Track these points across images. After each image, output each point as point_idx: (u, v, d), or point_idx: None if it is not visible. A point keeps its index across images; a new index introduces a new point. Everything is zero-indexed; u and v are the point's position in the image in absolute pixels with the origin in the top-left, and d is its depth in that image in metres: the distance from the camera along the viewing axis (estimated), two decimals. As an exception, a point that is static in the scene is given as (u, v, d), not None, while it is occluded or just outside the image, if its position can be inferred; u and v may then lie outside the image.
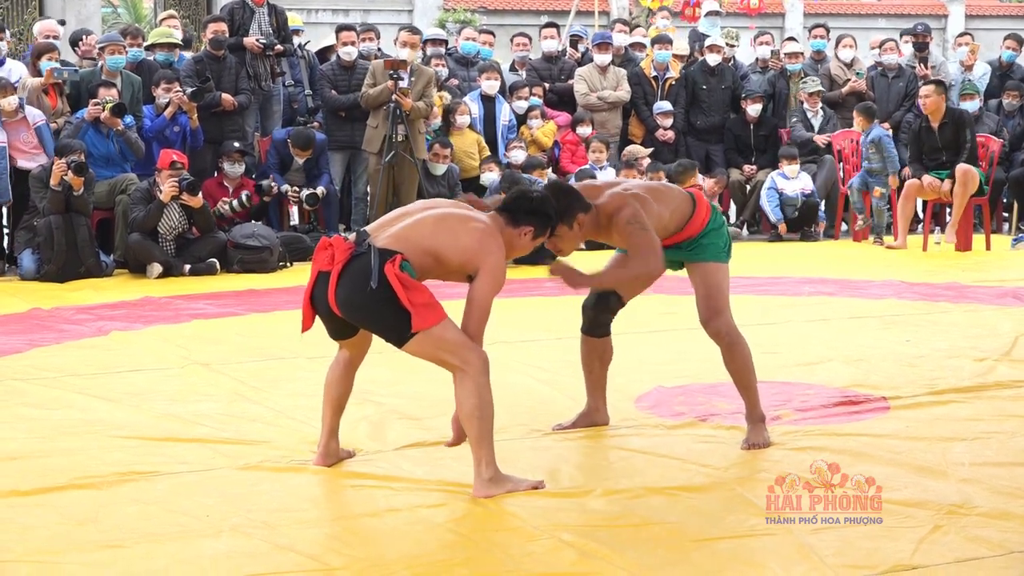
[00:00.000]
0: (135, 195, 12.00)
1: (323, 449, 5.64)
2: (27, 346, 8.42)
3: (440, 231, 5.23)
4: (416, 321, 5.06)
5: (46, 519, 4.98)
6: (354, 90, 14.04)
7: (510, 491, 5.21)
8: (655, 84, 15.76)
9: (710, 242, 5.97)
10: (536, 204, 5.45)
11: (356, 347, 5.54)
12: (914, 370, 7.60)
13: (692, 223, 5.92)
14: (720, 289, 6.00)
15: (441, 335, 5.14)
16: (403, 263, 5.07)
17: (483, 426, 5.20)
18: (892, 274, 11.70)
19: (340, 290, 5.13)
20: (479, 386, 5.17)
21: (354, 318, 5.20)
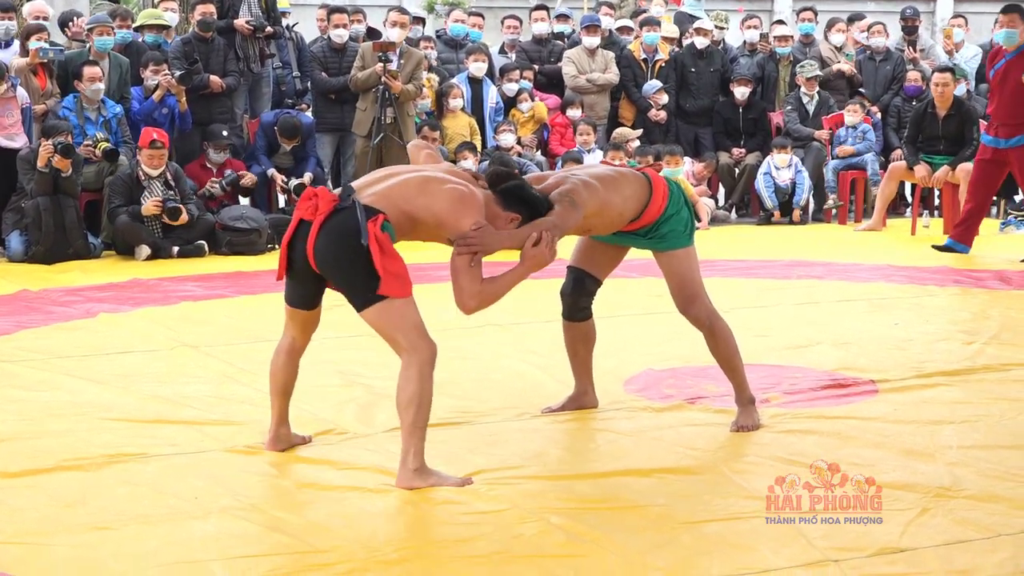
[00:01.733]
0: (116, 183, 11.95)
1: (273, 435, 5.62)
2: (15, 328, 8.40)
3: (421, 194, 5.21)
4: (384, 285, 5.02)
5: (35, 501, 4.99)
6: (344, 72, 14.00)
7: (434, 485, 5.11)
8: (644, 66, 15.75)
9: (670, 229, 5.88)
10: (530, 196, 5.43)
11: (302, 330, 5.49)
12: (902, 353, 7.61)
13: (649, 209, 5.82)
14: (690, 276, 5.96)
15: (402, 312, 5.11)
16: (384, 223, 5.05)
17: (419, 416, 5.12)
18: (881, 258, 11.72)
19: (319, 241, 5.09)
20: (423, 376, 5.11)
21: (327, 272, 5.14)
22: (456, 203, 5.19)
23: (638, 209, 5.81)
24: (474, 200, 5.25)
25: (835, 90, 16.04)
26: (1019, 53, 11.58)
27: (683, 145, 15.31)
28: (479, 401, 6.48)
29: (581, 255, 6.18)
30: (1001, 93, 11.61)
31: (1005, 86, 11.57)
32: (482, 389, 6.76)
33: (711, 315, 6.00)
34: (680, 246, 5.92)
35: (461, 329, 8.29)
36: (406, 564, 4.35)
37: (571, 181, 5.65)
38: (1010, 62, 11.58)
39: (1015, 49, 11.61)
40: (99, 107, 12.54)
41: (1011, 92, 11.51)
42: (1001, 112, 11.61)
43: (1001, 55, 11.75)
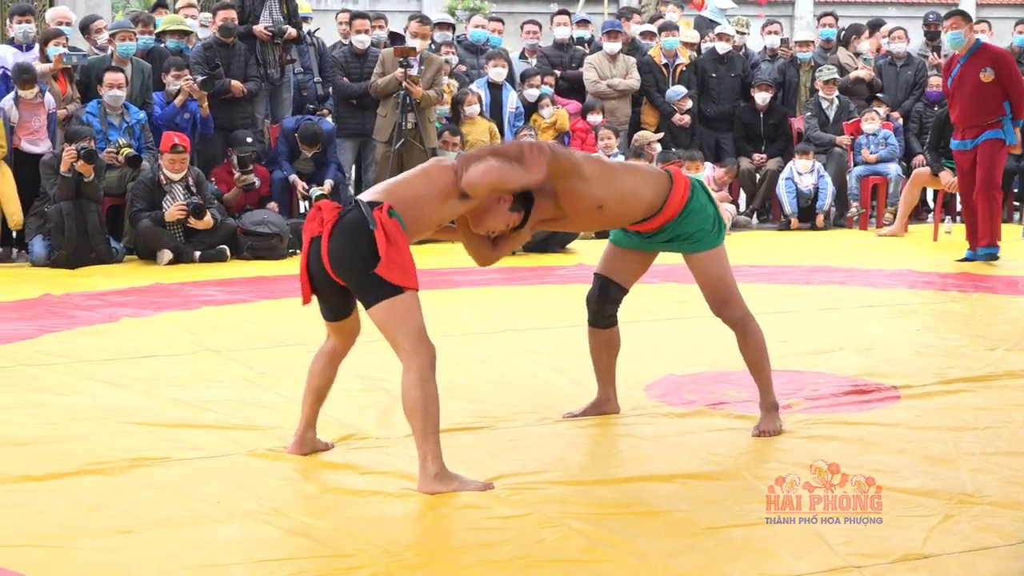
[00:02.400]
0: (137, 188, 12.00)
1: (299, 438, 5.61)
2: (38, 332, 8.43)
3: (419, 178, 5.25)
4: (382, 267, 4.99)
5: (58, 505, 4.99)
6: (366, 78, 14.02)
7: (456, 490, 5.09)
8: (666, 71, 15.74)
9: (697, 228, 5.81)
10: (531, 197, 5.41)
11: (343, 336, 5.50)
12: (924, 359, 7.59)
13: (670, 202, 5.74)
14: (722, 278, 5.92)
15: (408, 312, 5.09)
16: (390, 210, 5.05)
17: (428, 420, 5.09)
18: (903, 263, 11.69)
19: (331, 246, 5.10)
20: (424, 379, 5.08)
21: (340, 272, 5.13)
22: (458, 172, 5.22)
23: (656, 201, 5.74)
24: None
25: (855, 95, 16.02)
26: (971, 55, 11.71)
27: (704, 151, 15.31)
28: (499, 406, 6.48)
29: (607, 262, 6.16)
30: (961, 96, 11.70)
31: (963, 88, 11.66)
32: (502, 394, 6.76)
33: (745, 316, 5.98)
34: (710, 246, 5.87)
35: (480, 333, 8.33)
36: (427, 569, 4.35)
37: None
38: (964, 65, 11.70)
39: (967, 51, 11.72)
40: (122, 113, 12.58)
41: (971, 93, 11.64)
42: (966, 115, 11.72)
43: (955, 62, 11.82)
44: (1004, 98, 11.57)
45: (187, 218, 11.81)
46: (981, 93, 11.56)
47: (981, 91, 11.55)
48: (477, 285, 10.69)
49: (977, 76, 11.53)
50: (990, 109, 11.57)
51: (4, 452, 5.67)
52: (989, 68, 11.53)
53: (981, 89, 11.54)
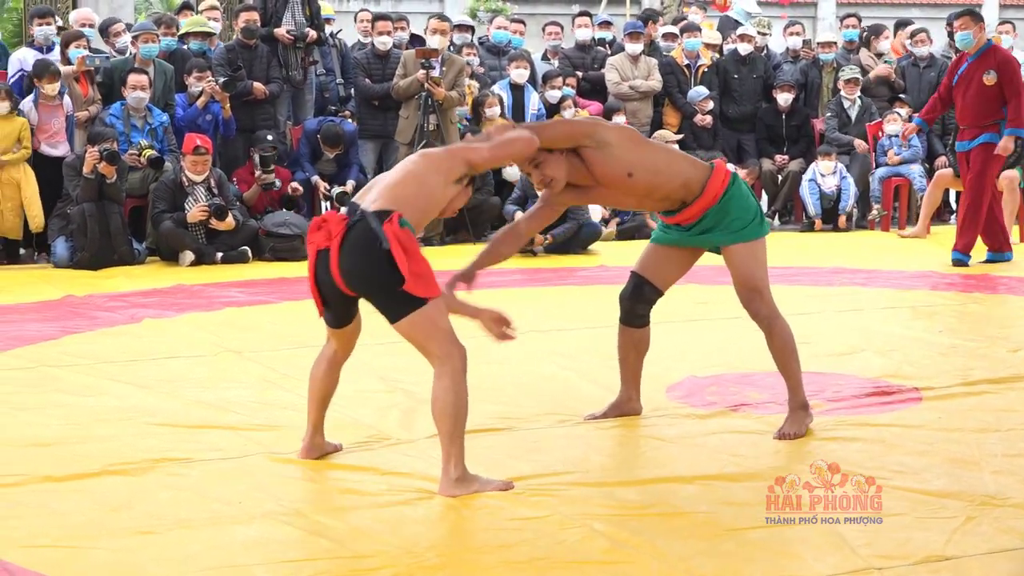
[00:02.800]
0: (159, 189, 12.02)
1: (307, 443, 5.60)
2: (60, 333, 8.45)
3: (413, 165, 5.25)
4: (409, 285, 4.96)
5: (80, 505, 5.01)
6: (388, 79, 14.02)
7: (476, 491, 5.09)
8: (687, 72, 15.73)
9: (737, 216, 5.82)
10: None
11: (345, 340, 5.50)
12: (947, 360, 7.57)
13: (709, 188, 5.77)
14: (756, 269, 5.91)
15: (435, 320, 5.07)
16: (401, 220, 5.01)
17: (457, 424, 5.09)
18: (925, 265, 11.66)
19: (343, 262, 5.07)
20: (456, 383, 5.08)
21: (358, 290, 5.13)
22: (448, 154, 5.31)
23: (694, 183, 5.77)
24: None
25: (876, 96, 15.98)
26: (980, 55, 11.66)
27: (726, 152, 15.28)
28: (521, 407, 6.48)
29: (644, 261, 6.13)
30: (965, 96, 11.65)
31: (968, 90, 11.61)
32: (524, 395, 6.76)
33: (772, 313, 5.97)
34: (750, 237, 5.87)
35: (503, 335, 8.30)
36: (448, 570, 4.35)
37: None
38: (972, 65, 11.64)
39: (976, 52, 11.68)
40: (145, 115, 12.60)
41: (975, 94, 11.58)
42: (966, 116, 11.68)
43: (963, 61, 11.77)
44: (1004, 103, 11.52)
45: (209, 219, 11.83)
46: (982, 95, 11.52)
47: (983, 93, 11.52)
48: (498, 286, 10.68)
49: (981, 77, 11.50)
50: (989, 111, 11.52)
51: (27, 453, 5.70)
52: (992, 71, 11.49)
53: (983, 91, 11.51)
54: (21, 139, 11.95)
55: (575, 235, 12.53)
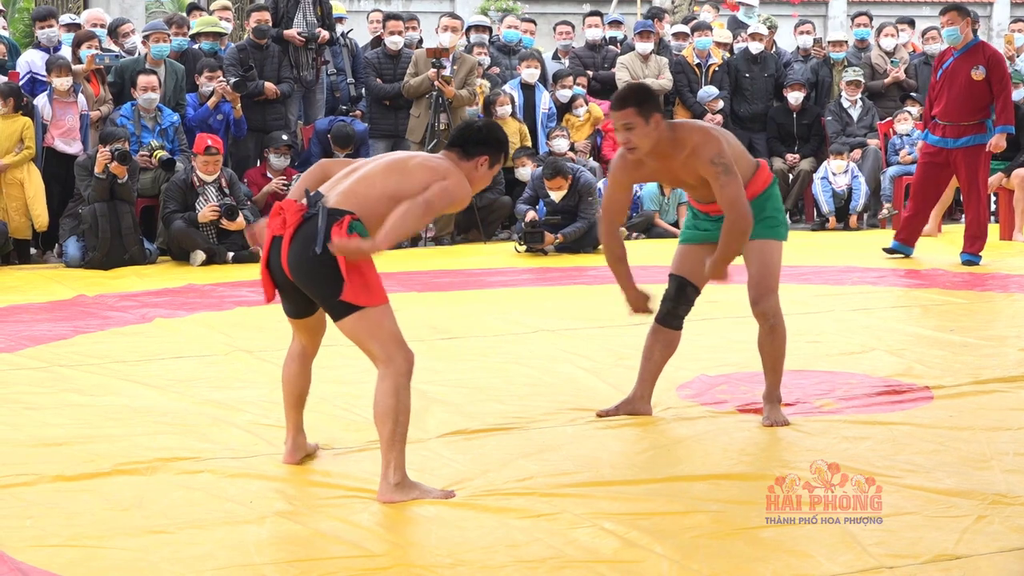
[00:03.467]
0: (171, 189, 12.03)
1: (291, 446, 5.56)
2: (72, 333, 8.47)
3: (391, 174, 5.14)
4: (347, 291, 4.93)
5: (91, 505, 5.02)
6: (399, 79, 14.03)
7: (416, 499, 5.06)
8: (698, 71, 15.72)
9: (771, 213, 6.00)
10: (484, 133, 5.38)
11: (309, 334, 5.49)
12: (958, 359, 7.56)
13: (756, 178, 5.98)
14: (774, 269, 6.06)
15: (378, 322, 5.04)
16: (353, 224, 4.97)
17: (397, 429, 5.06)
18: (936, 263, 11.64)
19: (291, 254, 5.05)
20: (398, 387, 5.05)
21: (302, 283, 5.10)
22: (440, 167, 5.17)
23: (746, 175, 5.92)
24: (446, 162, 5.24)
25: (886, 96, 15.98)
26: (966, 51, 11.61)
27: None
28: (532, 406, 6.48)
29: (682, 263, 6.16)
30: (950, 91, 11.57)
31: (954, 84, 11.55)
32: (534, 394, 6.76)
33: (777, 314, 6.08)
34: (778, 237, 6.07)
35: (513, 335, 8.33)
36: (459, 568, 4.36)
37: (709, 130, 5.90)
38: (957, 60, 11.59)
39: (962, 47, 11.62)
40: (156, 115, 12.62)
41: (960, 90, 11.53)
42: (950, 112, 11.57)
43: (948, 54, 11.73)
44: (990, 100, 11.50)
45: (220, 220, 11.84)
46: (970, 91, 11.48)
47: (970, 89, 11.47)
48: (509, 286, 10.70)
49: (969, 73, 11.46)
50: (976, 108, 11.47)
51: (38, 452, 5.71)
52: (982, 67, 11.46)
53: (971, 87, 11.47)
54: (24, 139, 11.97)
55: (586, 234, 12.53)
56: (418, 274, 11.12)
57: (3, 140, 11.91)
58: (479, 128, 5.40)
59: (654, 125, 5.71)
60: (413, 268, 11.46)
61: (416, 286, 10.40)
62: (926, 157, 11.81)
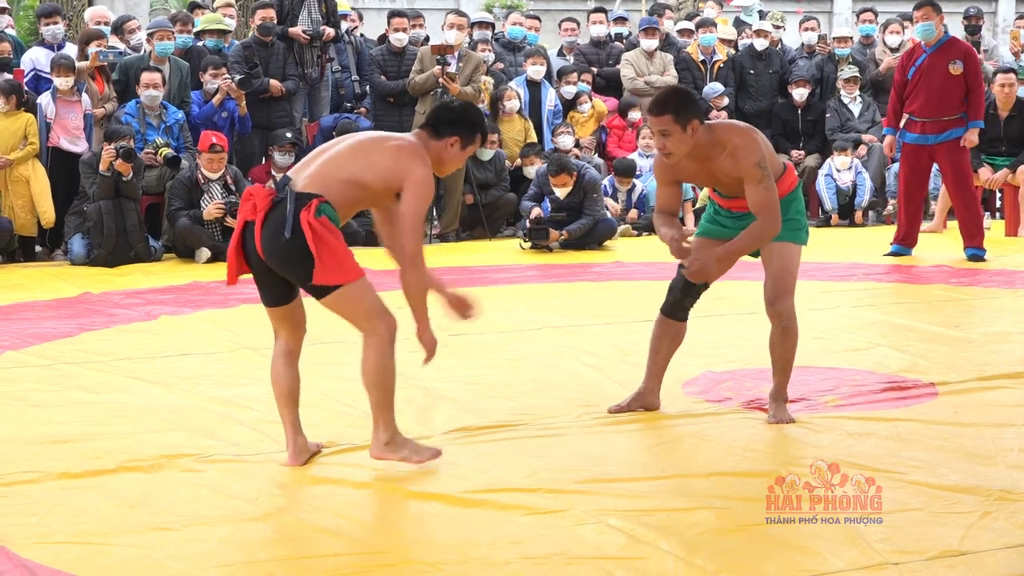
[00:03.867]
0: (175, 187, 12.03)
1: (292, 448, 5.53)
2: (77, 330, 8.47)
3: (355, 158, 5.26)
4: (318, 274, 5.09)
5: (97, 502, 5.02)
6: (403, 76, 14.04)
7: (405, 458, 5.32)
8: (703, 68, 15.72)
9: (792, 216, 5.97)
10: (457, 113, 5.44)
11: (291, 329, 5.55)
12: (963, 355, 7.56)
13: (784, 179, 5.96)
14: (792, 271, 6.04)
15: (357, 297, 5.20)
16: (321, 206, 5.09)
17: (383, 393, 5.29)
18: (941, 259, 11.63)
19: (263, 239, 5.17)
20: (382, 355, 5.23)
21: (277, 267, 5.24)
22: (402, 155, 5.24)
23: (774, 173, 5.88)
24: (410, 146, 5.31)
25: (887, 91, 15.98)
26: (940, 46, 11.58)
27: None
28: (538, 403, 6.48)
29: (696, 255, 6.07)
30: (928, 88, 11.52)
31: (932, 80, 11.50)
32: (540, 390, 6.76)
33: (792, 315, 6.06)
34: (798, 240, 6.04)
35: (519, 331, 8.33)
36: (465, 565, 4.36)
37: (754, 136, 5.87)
38: (932, 56, 11.53)
39: (935, 43, 11.60)
40: (160, 113, 12.64)
41: (939, 86, 11.49)
42: (931, 107, 11.53)
43: (919, 52, 11.69)
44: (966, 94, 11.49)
45: (225, 217, 11.84)
46: (948, 86, 11.45)
47: (949, 84, 11.44)
48: (514, 282, 10.70)
49: (946, 68, 11.42)
50: (954, 103, 11.45)
51: (44, 450, 5.71)
52: (959, 61, 11.43)
53: (949, 82, 11.44)
54: (27, 135, 11.99)
55: (591, 231, 12.53)
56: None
57: (7, 137, 11.93)
58: (453, 108, 5.51)
59: (691, 132, 5.70)
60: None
61: (421, 283, 10.39)
62: (907, 156, 11.78)
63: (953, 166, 11.57)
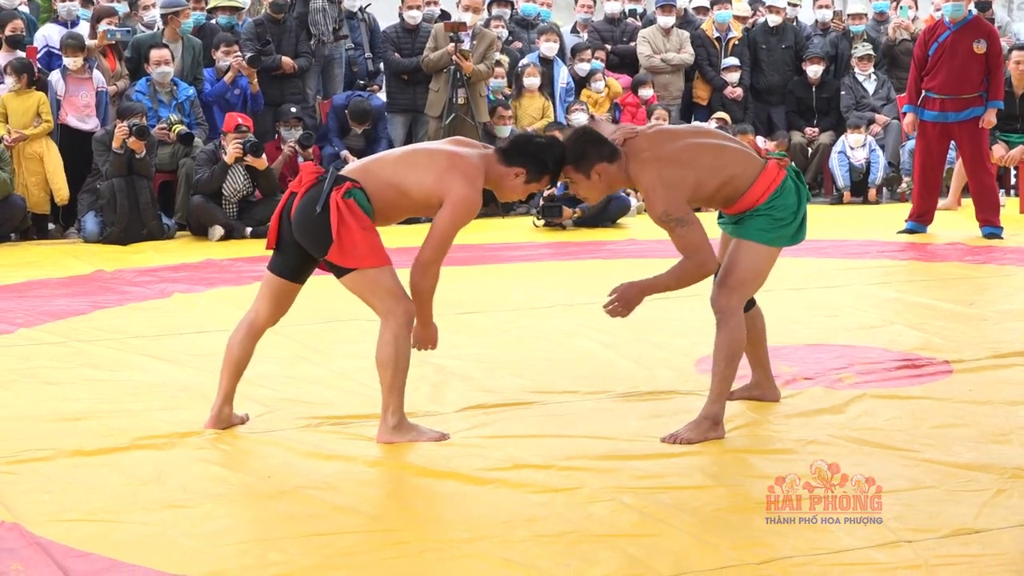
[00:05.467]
0: (200, 157, 12.04)
1: (215, 413, 5.64)
2: (90, 308, 8.48)
3: (403, 163, 5.36)
4: (332, 252, 5.21)
5: (110, 479, 5.03)
6: (417, 53, 14.01)
7: (413, 440, 5.38)
8: (718, 45, 15.67)
9: (763, 214, 5.53)
10: (533, 148, 5.43)
11: (272, 304, 5.66)
12: (977, 333, 7.54)
13: (747, 195, 5.52)
14: (742, 266, 5.57)
15: (375, 279, 5.28)
16: (352, 190, 5.21)
17: (396, 376, 5.35)
18: (956, 237, 11.60)
19: (297, 210, 5.30)
20: (397, 337, 5.30)
21: (301, 238, 5.33)
22: (448, 172, 5.28)
23: (732, 194, 5.54)
24: (465, 163, 5.32)
25: (905, 68, 15.93)
26: (965, 24, 11.57)
27: (756, 124, 15.22)
28: (550, 381, 6.48)
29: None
30: (950, 65, 11.51)
31: (955, 57, 11.49)
32: (554, 369, 6.75)
33: (727, 312, 5.59)
34: (763, 240, 5.56)
35: (531, 309, 8.33)
36: (478, 543, 4.35)
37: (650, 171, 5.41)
38: (956, 33, 11.52)
39: (959, 21, 11.56)
40: (171, 90, 12.63)
41: (961, 64, 11.49)
42: (951, 85, 11.53)
43: (941, 29, 11.67)
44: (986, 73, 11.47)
45: (244, 156, 11.75)
46: (970, 65, 11.45)
47: (971, 62, 11.44)
48: (527, 260, 10.69)
49: (970, 47, 11.41)
50: (975, 82, 11.46)
51: (57, 427, 5.72)
52: (983, 40, 11.42)
53: (971, 60, 11.43)
54: (40, 113, 11.99)
55: (604, 208, 12.50)
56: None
57: (19, 115, 11.94)
58: (531, 141, 5.50)
59: (597, 176, 5.40)
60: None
61: (434, 261, 10.39)
62: (924, 133, 11.76)
63: (971, 144, 11.56)
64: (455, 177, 5.27)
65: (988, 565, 4.15)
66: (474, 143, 5.63)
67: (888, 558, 4.19)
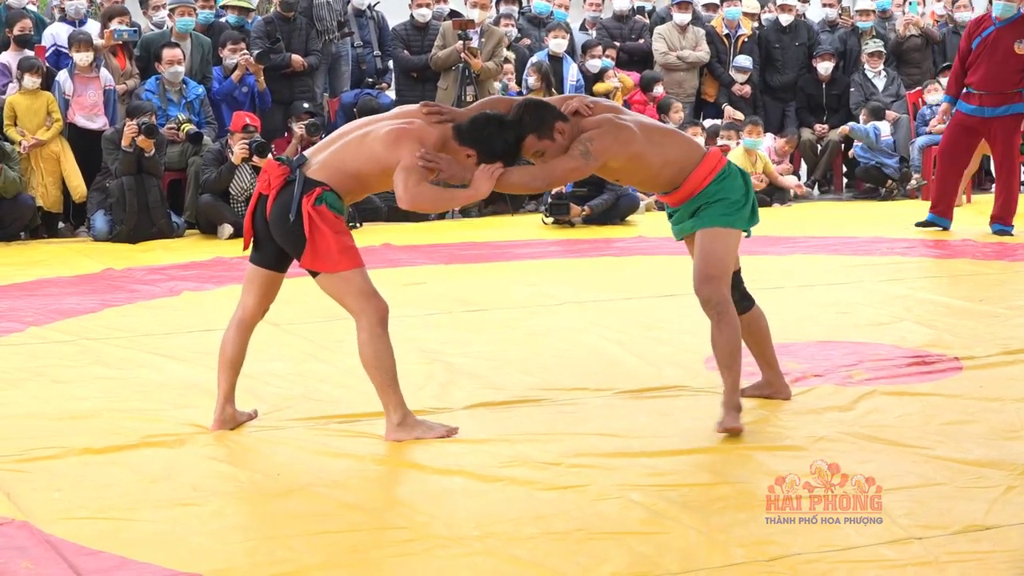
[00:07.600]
0: (207, 156, 12.04)
1: (219, 415, 5.62)
2: (100, 306, 8.48)
3: (360, 150, 5.37)
4: (306, 256, 5.28)
5: (119, 477, 5.03)
6: (426, 51, 13.99)
7: (420, 436, 5.38)
8: (727, 42, 15.66)
9: (720, 199, 5.56)
10: (486, 134, 5.37)
11: (259, 295, 5.66)
12: (988, 330, 7.52)
13: (690, 179, 5.55)
14: (718, 254, 5.56)
15: (346, 279, 5.34)
16: (323, 195, 5.25)
17: (384, 374, 5.36)
18: (965, 233, 11.58)
19: (272, 214, 5.34)
20: (373, 336, 5.32)
21: (280, 241, 5.38)
22: (390, 142, 5.31)
23: (676, 176, 5.58)
24: (411, 133, 5.33)
25: (913, 64, 15.91)
26: (1012, 22, 11.52)
27: (768, 122, 15.20)
28: (559, 378, 6.47)
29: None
30: (990, 61, 11.48)
31: (995, 54, 11.46)
32: (562, 366, 6.75)
33: (721, 302, 5.56)
34: (726, 224, 5.57)
35: (540, 307, 8.32)
36: (486, 540, 4.35)
37: (608, 124, 5.50)
38: (1000, 30, 11.49)
39: (1007, 19, 11.54)
40: (180, 88, 12.63)
41: (1002, 60, 11.45)
42: (990, 81, 11.49)
43: (987, 23, 11.65)
44: None
45: (250, 157, 11.75)
46: (1009, 61, 11.43)
47: (1010, 60, 11.42)
48: (536, 258, 10.69)
49: (1011, 44, 11.40)
50: (1015, 80, 11.45)
51: (66, 425, 5.72)
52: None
53: (1011, 58, 11.41)
54: (51, 112, 12.00)
55: (613, 206, 12.49)
56: (445, 246, 11.12)
57: (31, 116, 11.94)
58: (484, 124, 5.40)
59: (559, 136, 5.43)
60: (440, 240, 11.46)
61: (443, 258, 10.40)
62: (957, 124, 11.74)
63: (1004, 142, 11.56)
64: (400, 148, 5.26)
65: (998, 562, 4.14)
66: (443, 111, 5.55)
67: (898, 555, 4.19)
